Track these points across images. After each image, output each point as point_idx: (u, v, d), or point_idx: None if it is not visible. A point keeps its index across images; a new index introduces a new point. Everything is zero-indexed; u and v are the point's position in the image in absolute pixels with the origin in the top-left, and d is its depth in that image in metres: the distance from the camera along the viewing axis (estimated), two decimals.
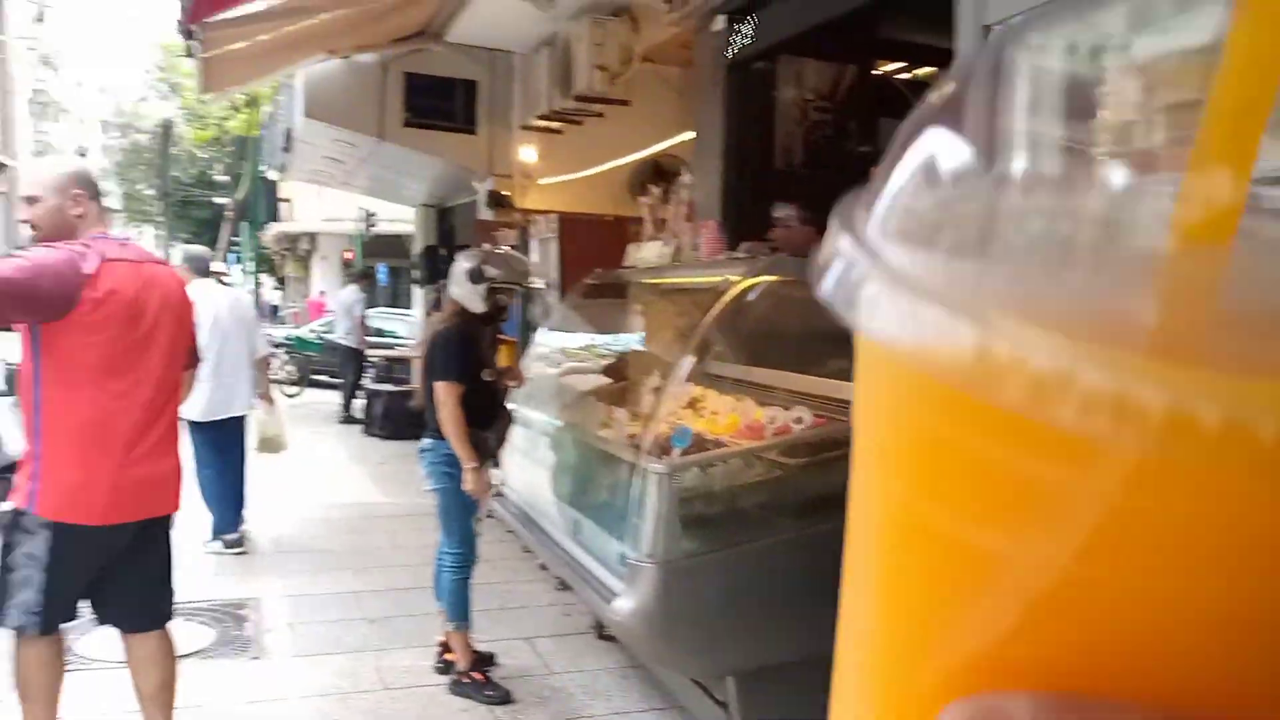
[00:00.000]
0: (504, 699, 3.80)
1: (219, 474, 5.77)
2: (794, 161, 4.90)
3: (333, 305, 12.00)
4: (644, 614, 2.89)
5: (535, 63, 8.16)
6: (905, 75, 5.53)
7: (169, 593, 3.06)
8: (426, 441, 3.89)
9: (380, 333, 14.94)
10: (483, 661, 3.98)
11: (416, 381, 11.96)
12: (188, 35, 5.59)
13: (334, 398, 14.01)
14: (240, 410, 5.81)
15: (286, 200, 26.46)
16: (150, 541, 2.93)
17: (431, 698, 3.86)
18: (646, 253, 4.35)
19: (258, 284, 19.60)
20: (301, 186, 26.01)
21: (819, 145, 5.03)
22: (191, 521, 4.94)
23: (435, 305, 11.23)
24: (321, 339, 14.68)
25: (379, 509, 7.26)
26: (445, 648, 4.01)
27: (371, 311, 13.34)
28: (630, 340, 4.42)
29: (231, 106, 19.66)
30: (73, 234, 2.77)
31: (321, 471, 8.62)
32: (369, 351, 11.91)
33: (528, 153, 8.97)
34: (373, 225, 22.89)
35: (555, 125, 8.28)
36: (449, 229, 13.10)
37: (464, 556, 3.89)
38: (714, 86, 5.06)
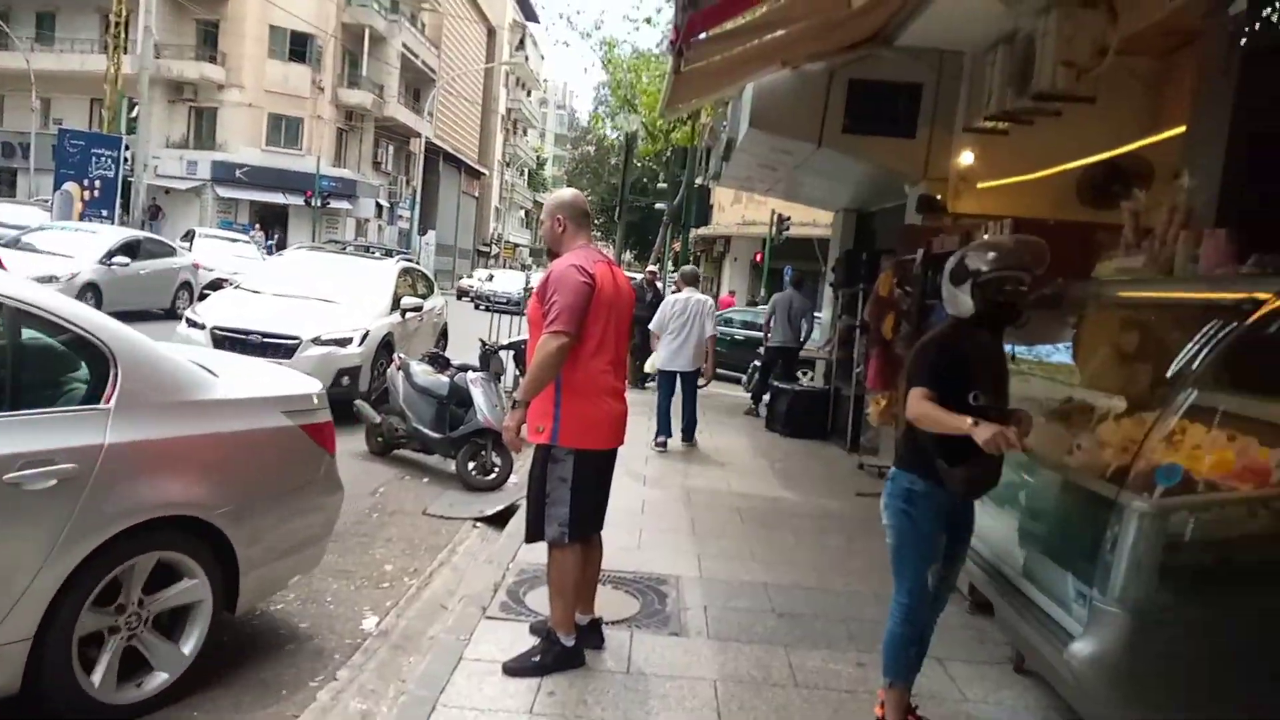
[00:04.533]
0: None
1: (668, 400, 9.43)
2: None
3: (769, 306, 12.46)
4: (1106, 663, 2.57)
5: (988, 62, 7.72)
6: None
7: None
8: (891, 469, 3.42)
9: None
10: None
11: (820, 382, 12.02)
12: (679, 54, 5.96)
13: (731, 390, 14.54)
14: (687, 367, 9.41)
15: (710, 206, 27.93)
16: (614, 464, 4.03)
17: (842, 703, 3.77)
18: (1126, 263, 3.87)
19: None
20: (722, 194, 27.37)
21: None
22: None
23: (848, 308, 11.25)
24: (727, 335, 15.55)
25: (784, 505, 7.34)
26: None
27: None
28: (1096, 359, 3.95)
29: (679, 120, 21.07)
30: (560, 246, 3.95)
31: (730, 462, 8.91)
32: (803, 353, 12.19)
33: (966, 156, 8.55)
34: (786, 229, 23.33)
35: (1003, 126, 7.77)
36: (869, 234, 12.96)
37: (909, 610, 3.33)
38: (1223, 77, 4.40)
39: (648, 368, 10.41)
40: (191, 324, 9.29)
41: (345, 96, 39.42)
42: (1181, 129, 6.11)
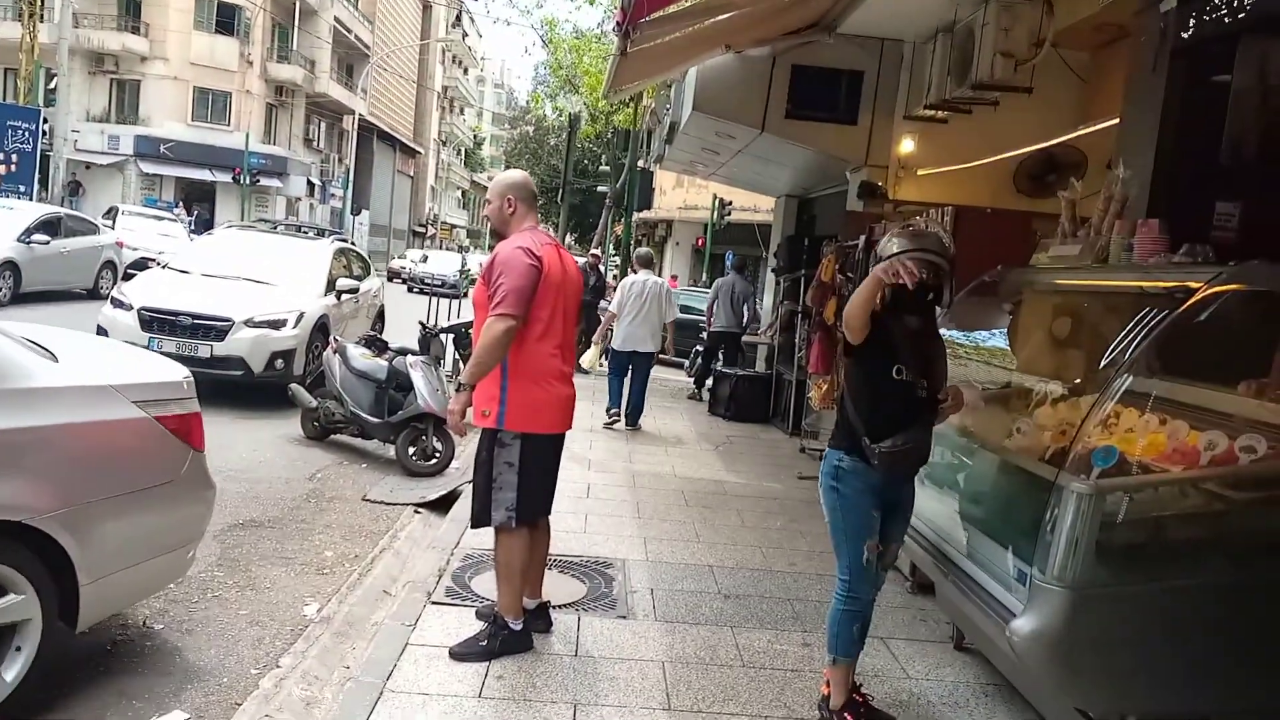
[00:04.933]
0: None
1: (620, 379, 9.68)
2: (1244, 156, 4.25)
3: (712, 291, 12.52)
4: (1045, 638, 2.65)
5: (928, 51, 7.85)
6: None
7: None
8: (827, 449, 3.49)
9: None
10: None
11: (762, 366, 12.14)
12: (625, 35, 5.93)
13: (672, 374, 14.62)
14: (644, 349, 9.58)
15: (653, 190, 27.94)
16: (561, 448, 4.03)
17: (788, 682, 3.83)
18: (1062, 251, 3.97)
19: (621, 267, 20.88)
20: (664, 177, 27.40)
21: (1277, 138, 4.32)
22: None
23: (790, 294, 11.38)
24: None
25: (728, 487, 7.41)
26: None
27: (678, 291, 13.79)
28: (1034, 345, 4.06)
29: (622, 101, 21.02)
30: (509, 227, 3.91)
31: (674, 446, 8.96)
32: (746, 337, 12.27)
33: (907, 143, 8.69)
34: (727, 214, 23.45)
35: (942, 115, 7.93)
36: (809, 219, 13.09)
37: (849, 586, 3.38)
38: (1153, 72, 4.53)
39: (584, 363, 9.89)
40: (117, 305, 9.01)
41: (275, 71, 38.39)
42: (1115, 121, 6.29)
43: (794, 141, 9.25)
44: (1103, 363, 3.08)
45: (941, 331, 4.57)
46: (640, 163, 20.82)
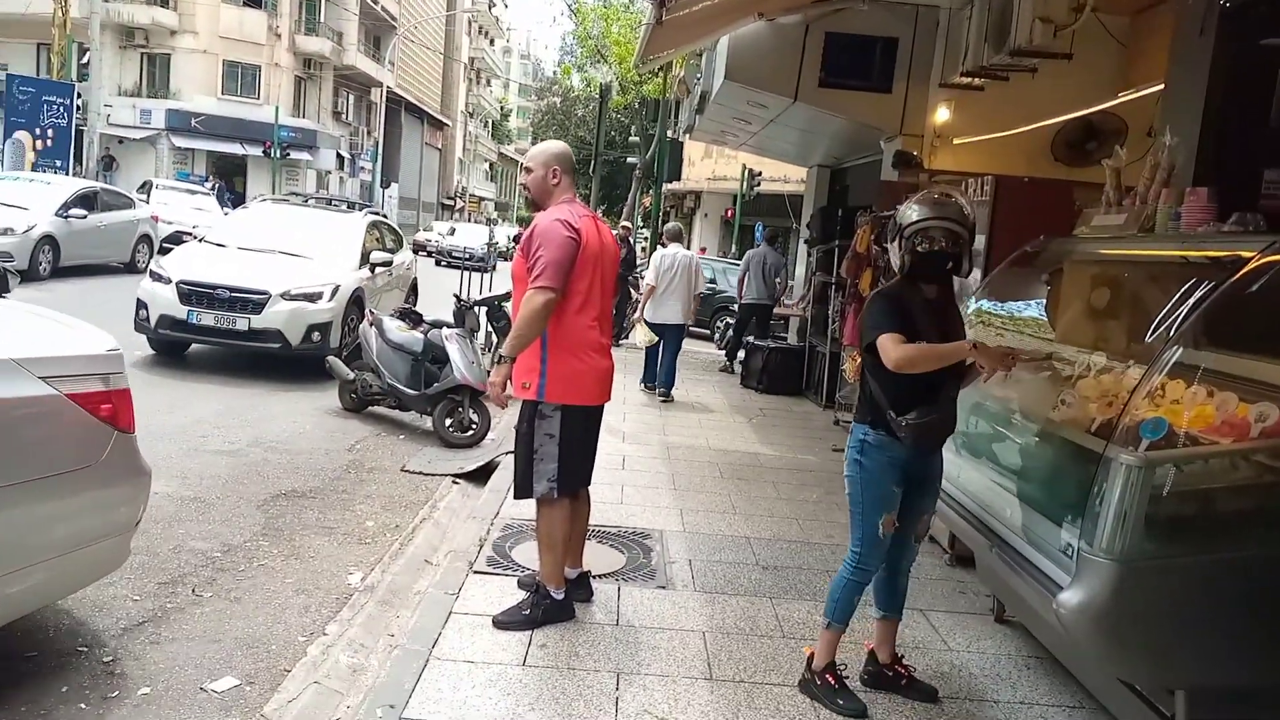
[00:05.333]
0: (859, 713, 3.32)
1: (656, 350, 9.95)
2: None
3: (743, 263, 12.46)
4: (1093, 610, 2.65)
5: (964, 17, 7.72)
6: None
7: None
8: (853, 423, 3.46)
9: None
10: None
11: (794, 339, 12.14)
12: (660, 3, 5.87)
13: (703, 347, 14.61)
14: (674, 320, 9.79)
15: (682, 161, 27.77)
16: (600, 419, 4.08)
17: None
18: (1107, 220, 3.92)
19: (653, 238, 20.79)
20: (692, 148, 27.22)
21: None
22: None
23: (822, 265, 11.30)
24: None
25: (762, 460, 7.42)
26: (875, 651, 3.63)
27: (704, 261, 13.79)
28: (1077, 316, 4.02)
29: (651, 71, 20.88)
30: (549, 198, 3.90)
31: (708, 418, 8.98)
32: (778, 310, 12.23)
33: (943, 112, 8.58)
34: (757, 185, 23.30)
35: (979, 83, 7.80)
36: (842, 190, 12.99)
37: (860, 558, 3.35)
38: (1200, 35, 4.44)
39: (640, 343, 10.33)
40: (156, 278, 9.12)
41: (303, 44, 38.45)
42: (1158, 86, 6.17)
43: (827, 110, 9.17)
44: (1150, 334, 3.05)
45: (982, 303, 4.57)
46: (670, 133, 20.67)
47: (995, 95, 7.88)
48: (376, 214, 12.32)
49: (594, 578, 4.29)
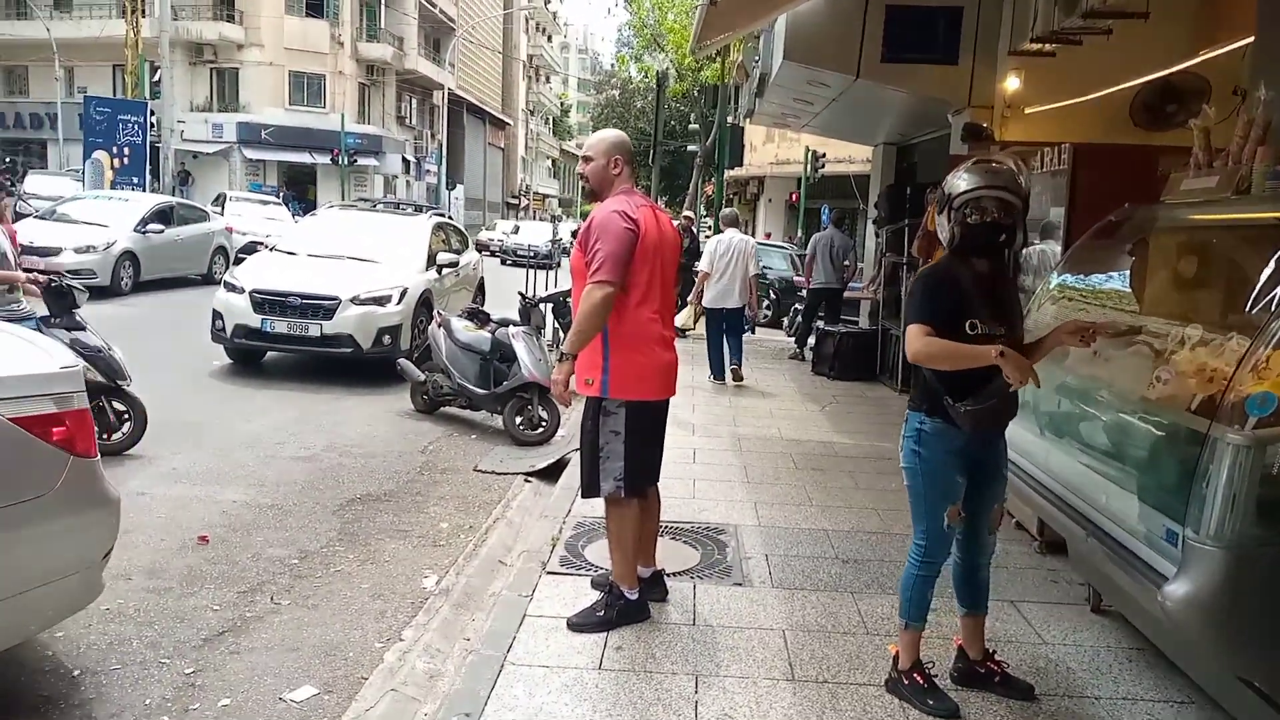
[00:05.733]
0: (950, 713, 3.16)
1: (720, 339, 10.00)
2: None
3: (810, 247, 12.28)
4: (1203, 602, 2.47)
5: None
6: None
7: None
8: (908, 411, 3.26)
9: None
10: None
11: (866, 323, 11.95)
12: None
13: (771, 335, 14.40)
14: (735, 304, 9.88)
15: (744, 147, 27.49)
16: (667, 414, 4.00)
17: None
18: (1197, 184, 3.68)
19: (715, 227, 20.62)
20: (753, 133, 26.91)
21: None
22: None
23: (892, 245, 11.02)
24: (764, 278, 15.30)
25: (837, 448, 7.25)
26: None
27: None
28: (1170, 287, 3.79)
29: (708, 57, 20.69)
30: (609, 188, 3.79)
31: (779, 407, 8.82)
32: (848, 293, 12.01)
33: (1013, 81, 8.26)
34: (821, 167, 22.92)
35: (1050, 48, 7.47)
36: (909, 167, 12.66)
37: (926, 551, 3.19)
38: None
39: (680, 321, 10.68)
40: (231, 289, 9.30)
41: (365, 51, 39.08)
42: (1245, 40, 5.82)
43: (891, 86, 8.92)
44: (1252, 303, 2.84)
45: (1065, 277, 4.35)
46: (730, 119, 20.45)
47: (1068, 60, 7.54)
48: (441, 215, 12.40)
49: (668, 576, 4.20)
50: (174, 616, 3.95)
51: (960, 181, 3.06)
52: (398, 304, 9.28)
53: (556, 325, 10.59)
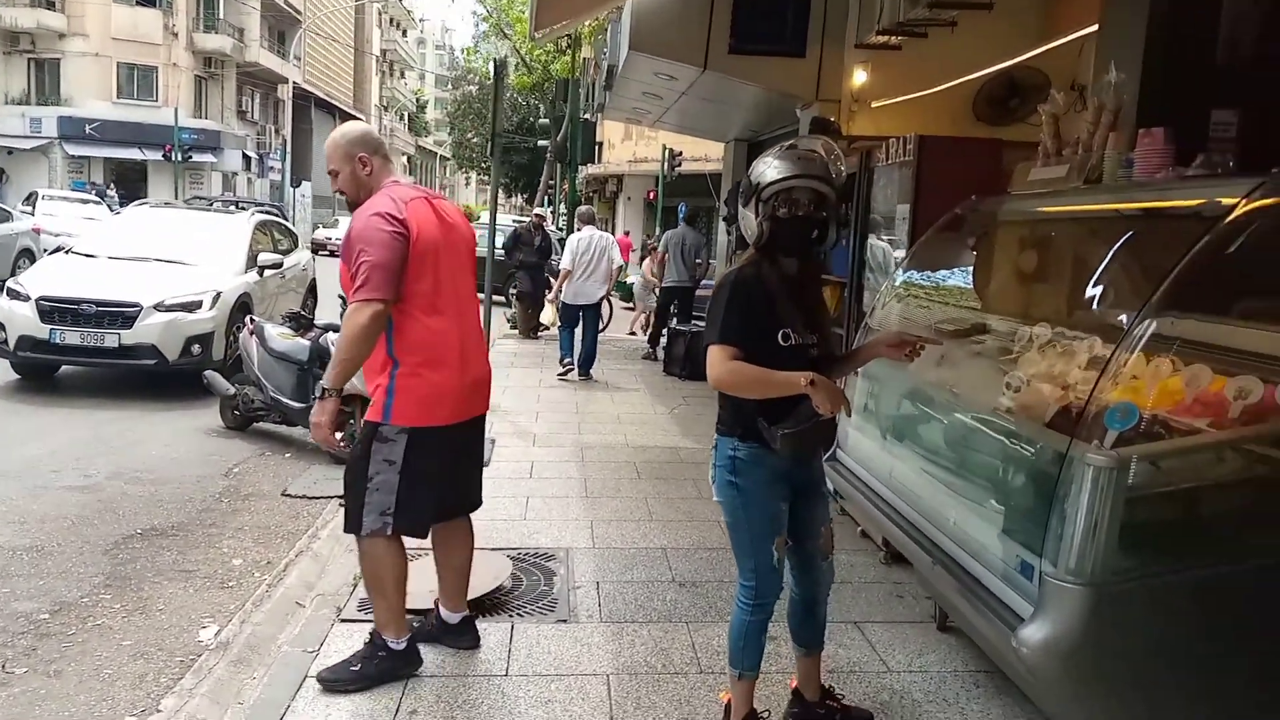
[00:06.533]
0: None
1: (573, 333, 9.91)
2: (1241, 56, 3.73)
3: (661, 244, 12.08)
4: (1063, 648, 2.13)
5: None
6: None
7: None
8: (714, 438, 2.84)
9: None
10: None
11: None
12: None
13: (624, 335, 14.06)
14: (594, 300, 10.03)
15: (599, 144, 27.12)
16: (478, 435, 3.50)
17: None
18: (1045, 174, 3.42)
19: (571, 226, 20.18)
20: (611, 131, 26.60)
21: (1274, 32, 3.79)
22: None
23: (742, 243, 10.77)
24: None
25: (684, 454, 6.88)
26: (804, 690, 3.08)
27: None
28: (1018, 284, 3.53)
29: (556, 49, 20.22)
30: (369, 190, 3.24)
31: (627, 411, 8.40)
32: (700, 291, 11.75)
33: (860, 75, 8.10)
34: (678, 165, 22.79)
35: (896, 41, 7.32)
36: None
37: (757, 592, 2.77)
38: None
39: (545, 319, 10.83)
40: (14, 295, 8.25)
41: (202, 41, 36.81)
42: (1084, 32, 5.76)
43: (739, 78, 8.63)
44: (1107, 301, 2.56)
45: (910, 274, 4.06)
46: (584, 114, 20.02)
47: (914, 53, 7.40)
48: (269, 213, 11.47)
49: (482, 618, 3.69)
50: None
51: (769, 170, 2.66)
52: (210, 310, 8.41)
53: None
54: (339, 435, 6.59)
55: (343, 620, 3.75)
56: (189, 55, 36.36)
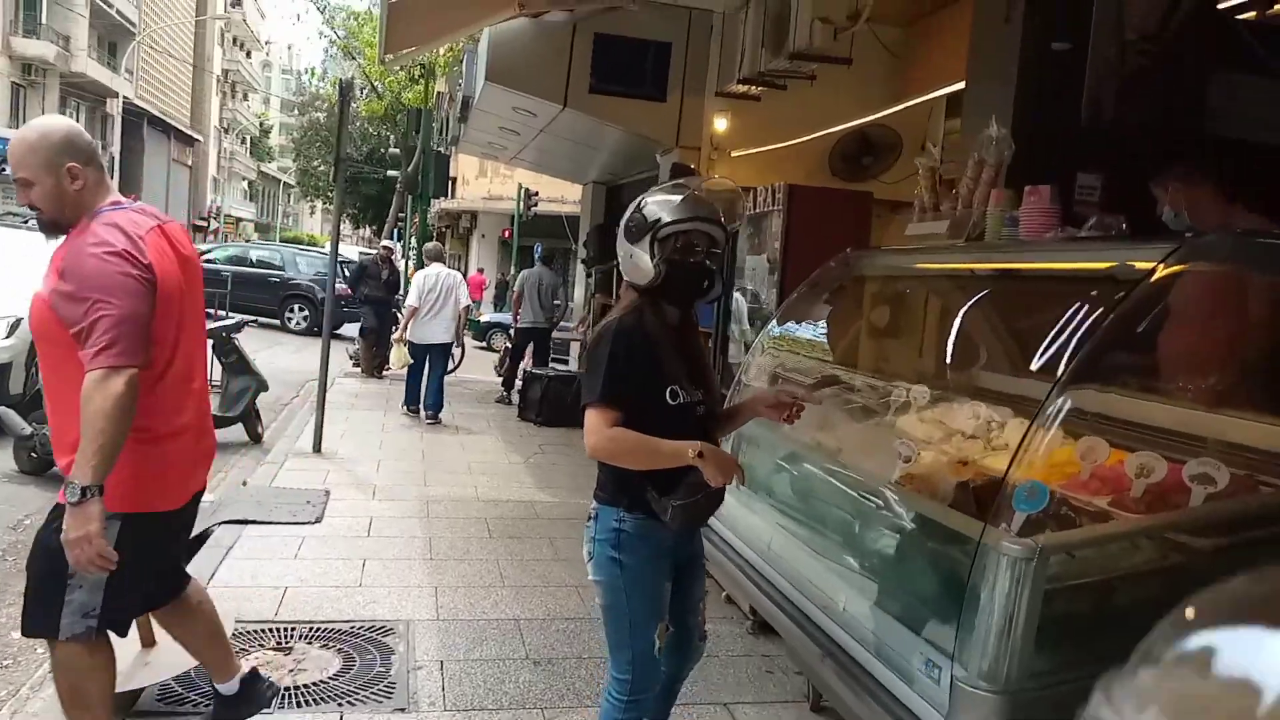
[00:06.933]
0: None
1: (420, 373, 9.54)
2: (1103, 117, 3.75)
3: (517, 285, 11.73)
4: None
5: (740, 21, 7.19)
6: (1251, 14, 4.21)
7: None
8: (591, 506, 2.57)
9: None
10: None
11: (576, 365, 11.55)
12: None
13: (478, 375, 13.55)
14: (441, 340, 9.57)
15: (453, 179, 26.52)
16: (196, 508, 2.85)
17: None
18: (924, 229, 3.29)
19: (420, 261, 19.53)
20: (466, 165, 26.08)
21: (1136, 97, 3.84)
22: None
23: (602, 286, 10.57)
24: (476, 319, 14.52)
25: (539, 509, 6.50)
26: None
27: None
28: (904, 347, 3.37)
29: (408, 78, 19.65)
30: (79, 210, 2.49)
31: (479, 460, 7.93)
32: (557, 334, 11.49)
33: (719, 122, 8.04)
34: (534, 205, 22.51)
35: (755, 91, 7.30)
36: (620, 208, 12.35)
37: (634, 687, 2.44)
38: (1005, 23, 3.96)
39: (394, 363, 10.29)
40: None
41: (21, 46, 34.04)
42: (934, 94, 5.85)
43: (599, 119, 8.45)
44: (987, 361, 2.38)
45: (787, 326, 3.86)
46: (437, 146, 19.48)
47: (773, 105, 7.42)
48: None
49: (305, 705, 3.19)
50: None
51: (663, 211, 2.39)
52: (6, 338, 7.48)
53: (222, 364, 9.08)
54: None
55: (133, 714, 3.17)
56: (5, 60, 33.57)
